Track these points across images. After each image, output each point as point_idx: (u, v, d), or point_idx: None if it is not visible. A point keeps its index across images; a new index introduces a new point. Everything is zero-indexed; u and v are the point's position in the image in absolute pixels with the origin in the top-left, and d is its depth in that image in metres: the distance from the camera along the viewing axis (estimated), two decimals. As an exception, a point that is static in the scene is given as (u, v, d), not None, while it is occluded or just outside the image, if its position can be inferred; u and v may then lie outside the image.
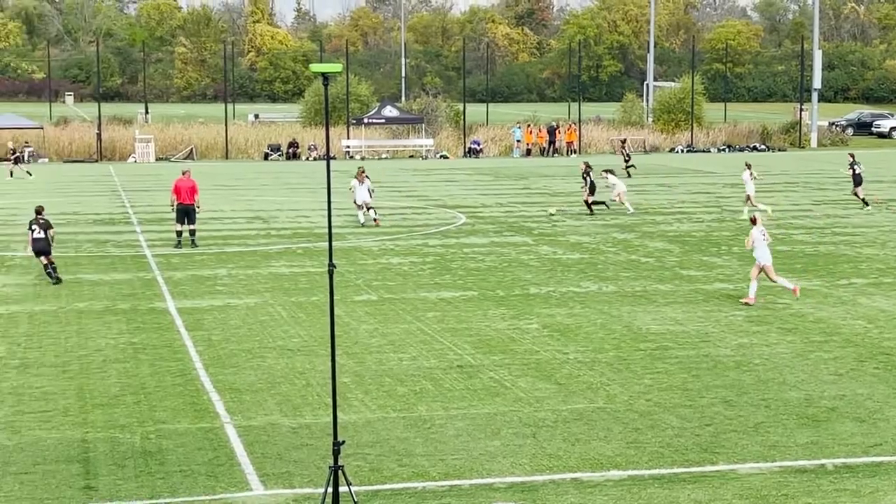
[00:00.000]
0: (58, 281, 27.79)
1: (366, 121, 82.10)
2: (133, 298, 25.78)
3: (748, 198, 42.22)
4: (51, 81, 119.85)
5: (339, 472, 12.36)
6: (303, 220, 40.81)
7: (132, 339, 21.59)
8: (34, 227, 28.21)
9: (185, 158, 77.43)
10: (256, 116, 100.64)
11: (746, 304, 24.63)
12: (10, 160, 63.54)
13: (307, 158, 78.67)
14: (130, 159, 76.74)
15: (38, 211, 28.81)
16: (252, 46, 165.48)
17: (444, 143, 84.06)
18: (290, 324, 22.95)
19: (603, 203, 42.91)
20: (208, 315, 23.84)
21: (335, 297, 13.15)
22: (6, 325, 22.91)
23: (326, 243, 10.63)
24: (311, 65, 12.79)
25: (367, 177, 39.26)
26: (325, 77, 12.20)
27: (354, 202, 39.29)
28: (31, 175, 61.17)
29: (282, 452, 14.84)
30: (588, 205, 42.42)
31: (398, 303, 25.17)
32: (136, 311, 24.27)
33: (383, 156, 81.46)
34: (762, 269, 24.83)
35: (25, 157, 67.85)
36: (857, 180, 44.04)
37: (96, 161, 75.89)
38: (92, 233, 37.69)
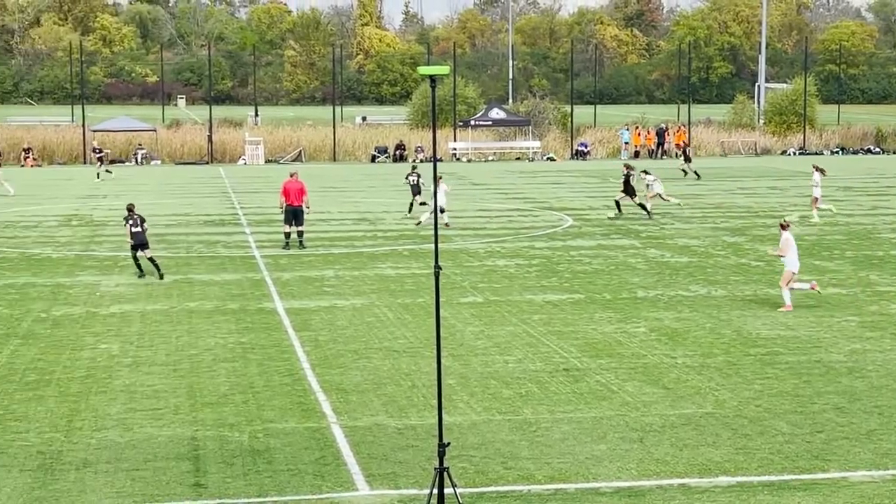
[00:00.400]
0: (161, 276, 28.44)
1: (473, 123, 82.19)
2: (242, 299, 26.08)
3: (815, 200, 41.55)
4: (164, 85, 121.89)
5: (445, 473, 12.35)
6: (409, 222, 40.95)
7: (241, 338, 21.84)
8: (132, 222, 28.90)
9: (293, 160, 78.22)
10: (364, 119, 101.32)
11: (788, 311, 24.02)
12: (101, 161, 64.61)
13: (414, 160, 79.03)
14: (240, 161, 77.72)
15: (130, 208, 29.45)
16: (360, 49, 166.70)
17: (551, 145, 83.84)
18: (396, 325, 23.03)
19: (644, 209, 42.21)
20: (315, 316, 24.03)
21: (441, 299, 13.15)
22: (119, 323, 23.32)
23: (433, 245, 10.67)
24: (418, 67, 12.84)
25: (443, 181, 39.62)
26: (433, 79, 12.20)
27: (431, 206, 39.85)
28: (110, 173, 62.21)
29: (387, 453, 14.88)
30: (618, 204, 42.17)
31: (504, 305, 25.13)
32: (245, 311, 24.55)
33: (490, 158, 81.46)
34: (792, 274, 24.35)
35: (106, 158, 69.14)
36: None
37: (207, 163, 76.98)
38: (202, 234, 38.21)
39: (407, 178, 43.17)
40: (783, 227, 24.78)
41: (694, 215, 42.44)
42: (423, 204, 41.89)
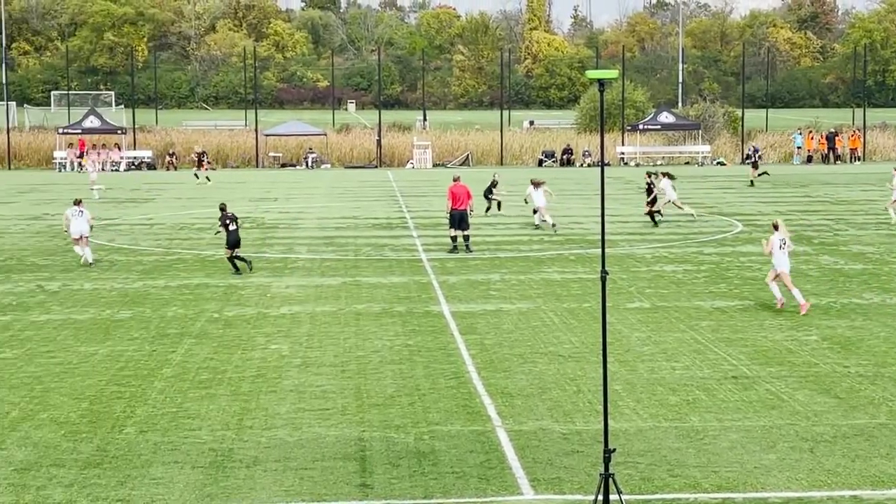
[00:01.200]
0: (250, 266, 30.07)
1: (641, 127, 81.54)
2: (409, 301, 26.29)
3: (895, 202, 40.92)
4: (334, 89, 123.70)
5: (610, 480, 12.26)
6: (575, 227, 40.79)
7: (408, 341, 22.02)
8: (228, 221, 29.99)
9: (460, 164, 78.63)
10: (531, 123, 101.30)
11: (781, 307, 24.61)
12: (199, 166, 65.62)
13: (581, 165, 78.66)
14: (408, 165, 78.44)
15: (223, 208, 30.63)
16: (528, 53, 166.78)
17: (721, 149, 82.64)
18: (562, 330, 22.96)
19: (658, 212, 41.42)
20: (481, 319, 24.10)
21: (607, 304, 13.06)
22: (289, 324, 23.74)
23: (599, 250, 10.57)
24: (587, 71, 12.78)
25: (543, 184, 40.15)
26: (601, 83, 12.13)
27: (533, 210, 40.36)
28: (209, 181, 62.36)
29: (552, 458, 14.84)
30: (650, 215, 41.21)
31: (671, 311, 24.84)
32: (412, 314, 24.75)
33: (658, 162, 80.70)
34: (778, 275, 24.64)
35: (204, 161, 70.24)
36: None
37: (376, 167, 77.90)
38: (371, 237, 38.67)
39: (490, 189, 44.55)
40: (774, 227, 25.22)
41: (868, 221, 41.38)
42: (488, 210, 43.40)
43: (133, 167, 75.43)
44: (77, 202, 33.15)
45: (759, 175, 61.39)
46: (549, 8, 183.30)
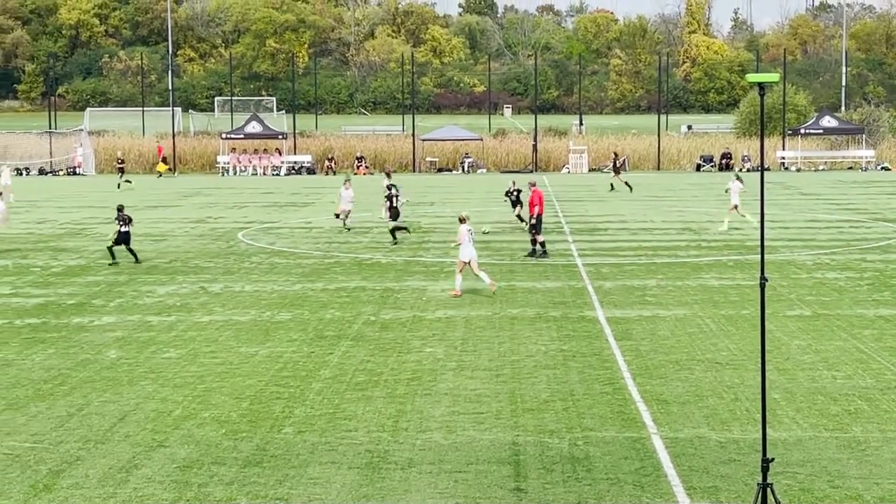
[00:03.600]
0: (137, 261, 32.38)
1: (802, 131, 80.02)
2: (564, 306, 26.23)
3: None
4: (490, 94, 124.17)
5: (768, 490, 12.06)
6: (734, 233, 40.20)
7: (562, 346, 21.97)
8: (121, 222, 33.10)
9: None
10: (689, 127, 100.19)
11: (456, 295, 27.39)
12: (121, 172, 66.14)
13: (740, 170, 77.52)
14: (564, 170, 78.26)
15: (120, 209, 33.53)
16: (687, 57, 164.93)
17: (886, 154, 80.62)
18: (719, 336, 22.65)
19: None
20: (637, 325, 23.92)
21: (766, 311, 12.84)
22: (444, 328, 23.89)
23: (758, 256, 10.39)
24: (747, 75, 12.60)
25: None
26: (762, 87, 11.96)
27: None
28: (130, 183, 62.80)
29: (708, 466, 14.65)
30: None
31: (833, 319, 24.31)
32: (567, 319, 24.68)
33: (820, 167, 79.07)
34: (467, 264, 27.54)
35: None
36: None
37: (531, 171, 77.91)
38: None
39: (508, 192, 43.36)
40: (461, 220, 28.11)
41: None
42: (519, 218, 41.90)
43: (293, 172, 76.74)
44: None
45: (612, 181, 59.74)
46: (708, 11, 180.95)
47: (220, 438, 16.11)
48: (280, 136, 79.74)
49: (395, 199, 38.16)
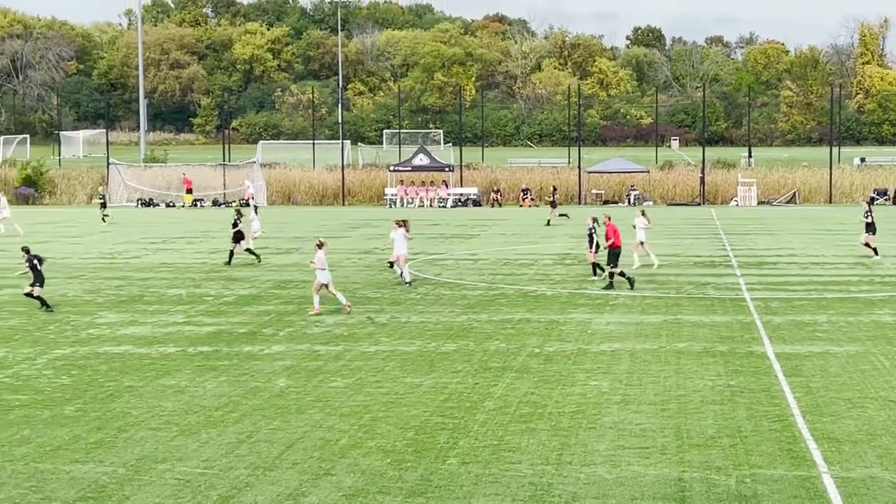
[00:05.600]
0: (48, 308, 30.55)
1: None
2: (731, 341, 25.84)
3: None
4: (657, 126, 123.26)
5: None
6: (910, 268, 39.10)
7: (729, 381, 21.64)
8: (34, 262, 31.07)
9: (787, 202, 76.76)
10: (862, 160, 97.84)
11: (317, 314, 29.70)
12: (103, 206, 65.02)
13: (916, 203, 75.35)
14: (732, 203, 77.17)
15: (27, 250, 31.77)
16: (860, 88, 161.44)
17: None
18: (894, 374, 22.04)
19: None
20: (807, 361, 23.43)
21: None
22: (609, 361, 23.74)
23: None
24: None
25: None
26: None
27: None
28: (107, 216, 61.75)
29: (881, 508, 14.27)
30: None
31: None
32: (734, 354, 24.31)
33: None
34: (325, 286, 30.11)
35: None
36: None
37: (698, 204, 76.99)
38: (692, 275, 38.22)
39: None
40: (319, 245, 30.53)
41: None
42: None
43: (459, 203, 77.27)
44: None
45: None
46: (882, 41, 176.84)
47: (385, 468, 16.27)
48: (447, 169, 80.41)
49: (594, 234, 37.62)
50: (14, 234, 53.14)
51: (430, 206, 76.61)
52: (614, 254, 34.77)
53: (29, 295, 31.24)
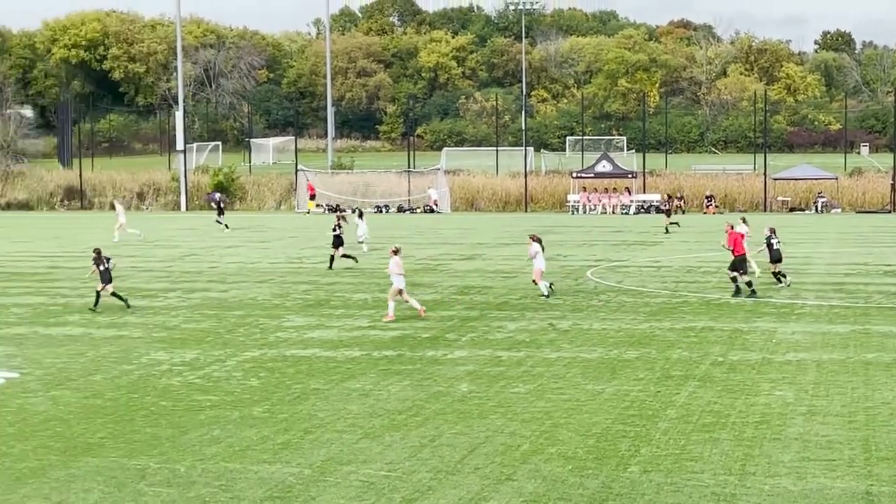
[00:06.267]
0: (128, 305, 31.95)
1: None
2: (924, 353, 25.11)
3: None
4: (846, 132, 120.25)
5: None
6: None
7: (921, 394, 21.06)
8: (100, 262, 32.35)
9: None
10: None
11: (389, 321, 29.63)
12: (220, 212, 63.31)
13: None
14: (926, 210, 74.84)
15: (97, 251, 32.81)
16: None
17: None
18: None
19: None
20: None
21: None
22: (795, 371, 23.32)
23: None
24: None
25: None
26: None
27: None
28: (221, 224, 60.52)
29: None
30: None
31: None
32: (927, 366, 23.63)
33: None
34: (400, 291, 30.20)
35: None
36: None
37: (889, 212, 74.90)
38: (882, 284, 37.21)
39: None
40: (394, 252, 30.89)
41: None
42: None
43: (642, 210, 76.71)
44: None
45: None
46: None
47: (566, 474, 16.31)
48: (630, 175, 79.90)
49: (773, 243, 37.07)
50: (140, 239, 54.60)
51: (613, 212, 76.25)
52: (738, 260, 34.30)
53: (114, 295, 32.58)
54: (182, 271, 42.33)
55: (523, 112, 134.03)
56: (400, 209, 79.50)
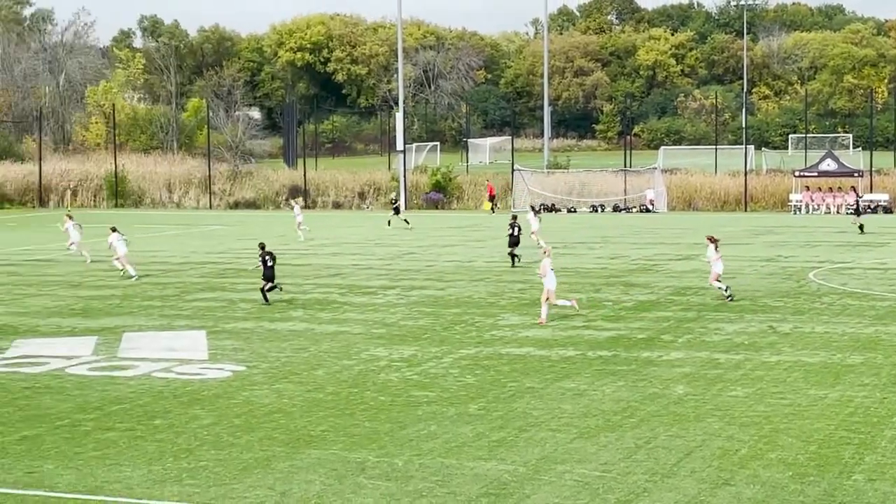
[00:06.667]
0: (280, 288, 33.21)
1: None
2: None
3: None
4: None
5: None
6: None
7: None
8: (266, 258, 33.55)
9: None
10: None
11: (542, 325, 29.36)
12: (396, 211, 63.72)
13: None
14: None
15: (262, 246, 34.22)
16: None
17: None
18: None
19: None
20: None
21: None
22: None
23: None
24: None
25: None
26: None
27: None
28: (407, 223, 60.96)
29: None
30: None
31: None
32: None
33: None
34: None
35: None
36: None
37: None
38: None
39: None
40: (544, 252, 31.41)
41: None
42: None
43: (869, 210, 74.41)
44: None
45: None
46: None
47: (786, 480, 15.96)
48: (856, 174, 77.57)
49: None
50: (302, 240, 55.33)
51: (837, 212, 74.17)
52: None
53: (267, 290, 33.69)
54: (401, 269, 43.01)
55: (744, 110, 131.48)
56: (615, 209, 78.98)
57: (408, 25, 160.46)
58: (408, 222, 61.93)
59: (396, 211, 63.55)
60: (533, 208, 53.78)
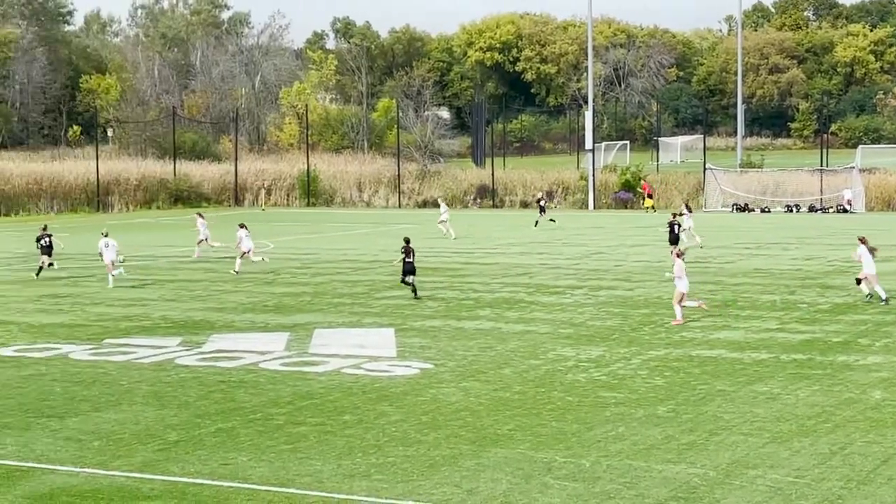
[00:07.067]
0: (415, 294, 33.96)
1: None
2: None
3: None
4: None
5: None
6: None
7: None
8: (406, 253, 34.73)
9: None
10: None
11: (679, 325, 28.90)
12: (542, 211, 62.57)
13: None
14: None
15: (407, 241, 35.18)
16: None
17: None
18: None
19: None
20: None
21: None
22: None
23: None
24: None
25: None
26: None
27: None
28: (553, 221, 60.98)
29: None
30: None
31: None
32: None
33: None
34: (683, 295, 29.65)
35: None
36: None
37: None
38: None
39: None
40: (678, 255, 30.54)
41: None
42: None
43: None
44: None
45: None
46: None
47: None
48: None
49: None
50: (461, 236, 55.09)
51: None
52: None
53: (406, 283, 34.85)
54: (588, 269, 42.77)
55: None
56: (811, 209, 77.15)
57: (598, 24, 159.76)
58: (553, 220, 62.15)
59: (542, 210, 63.23)
60: (687, 206, 53.61)
